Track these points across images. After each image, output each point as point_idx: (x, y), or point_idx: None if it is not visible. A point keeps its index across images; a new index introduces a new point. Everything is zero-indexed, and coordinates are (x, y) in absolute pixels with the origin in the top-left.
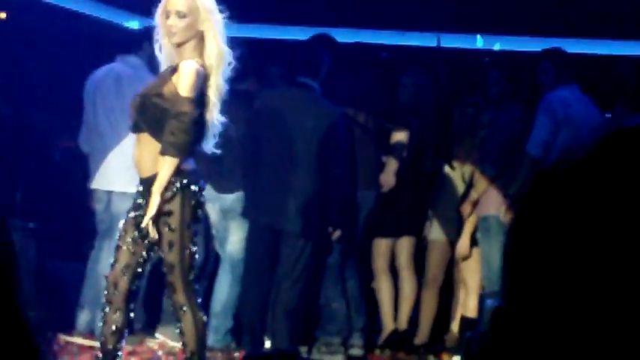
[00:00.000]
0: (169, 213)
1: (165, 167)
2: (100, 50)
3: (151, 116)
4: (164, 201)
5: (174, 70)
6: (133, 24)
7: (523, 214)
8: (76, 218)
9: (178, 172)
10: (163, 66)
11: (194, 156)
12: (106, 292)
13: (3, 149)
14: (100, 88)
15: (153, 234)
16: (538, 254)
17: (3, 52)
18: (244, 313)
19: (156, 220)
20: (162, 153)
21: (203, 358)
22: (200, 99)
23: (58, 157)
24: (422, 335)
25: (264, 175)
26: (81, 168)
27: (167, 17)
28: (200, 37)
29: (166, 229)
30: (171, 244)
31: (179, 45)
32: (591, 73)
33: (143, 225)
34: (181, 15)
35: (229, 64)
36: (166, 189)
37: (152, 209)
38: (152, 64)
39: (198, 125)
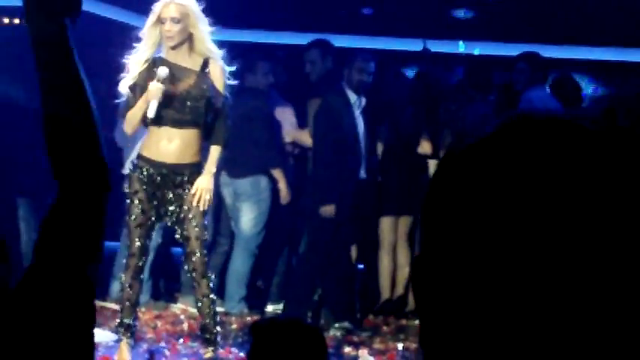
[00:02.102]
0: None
1: (218, 156)
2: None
3: (197, 116)
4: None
5: (203, 68)
6: None
7: (431, 188)
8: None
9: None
10: (137, 64)
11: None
12: (127, 265)
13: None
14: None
15: (204, 207)
16: (441, 224)
17: None
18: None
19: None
20: (221, 145)
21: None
22: None
23: None
24: (412, 303)
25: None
26: (114, 156)
27: (162, 23)
28: (190, 39)
29: (199, 208)
30: (198, 219)
31: (174, 47)
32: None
33: (206, 200)
34: (176, 21)
35: (222, 58)
36: (199, 173)
37: (209, 188)
38: None
39: None
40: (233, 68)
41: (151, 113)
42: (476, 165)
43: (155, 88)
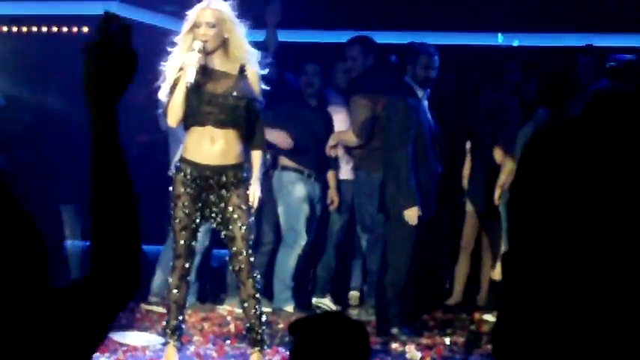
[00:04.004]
0: (246, 196)
1: (261, 161)
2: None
3: (238, 115)
4: (246, 186)
5: (241, 72)
6: None
7: (523, 167)
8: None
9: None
10: (173, 70)
11: None
12: (174, 267)
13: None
14: None
15: (254, 210)
16: (535, 200)
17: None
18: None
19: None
20: (262, 149)
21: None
22: None
23: (136, 150)
24: (455, 296)
25: None
26: (155, 157)
27: (198, 27)
28: (225, 44)
29: (244, 208)
30: (243, 219)
31: (209, 52)
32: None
33: (254, 206)
34: (211, 25)
35: (257, 62)
36: (247, 177)
37: (258, 192)
38: None
39: None
40: (265, 71)
41: (190, 77)
42: (575, 140)
43: (191, 56)
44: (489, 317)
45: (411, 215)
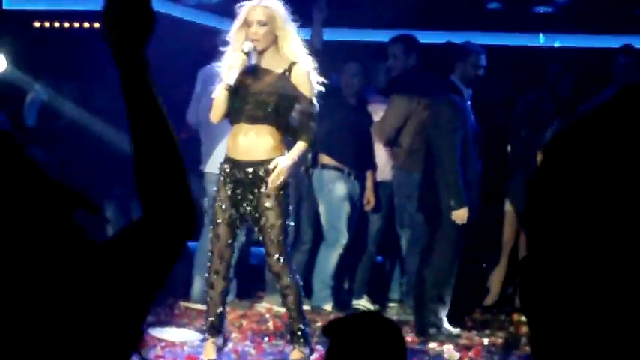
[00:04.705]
0: (279, 194)
1: (302, 150)
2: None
3: (269, 112)
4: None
5: (287, 70)
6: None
7: (543, 167)
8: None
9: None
10: (225, 67)
11: None
12: (211, 264)
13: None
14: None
15: (277, 189)
16: (556, 202)
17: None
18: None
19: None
20: (307, 143)
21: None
22: None
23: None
24: (492, 295)
25: None
26: (191, 154)
27: (249, 26)
28: (276, 42)
29: (272, 206)
30: (273, 222)
31: (262, 51)
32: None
33: (274, 192)
34: (262, 23)
35: (310, 61)
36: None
37: (285, 170)
38: None
39: None
40: (318, 76)
41: (230, 80)
42: (602, 134)
43: (236, 57)
44: None
45: (461, 216)
